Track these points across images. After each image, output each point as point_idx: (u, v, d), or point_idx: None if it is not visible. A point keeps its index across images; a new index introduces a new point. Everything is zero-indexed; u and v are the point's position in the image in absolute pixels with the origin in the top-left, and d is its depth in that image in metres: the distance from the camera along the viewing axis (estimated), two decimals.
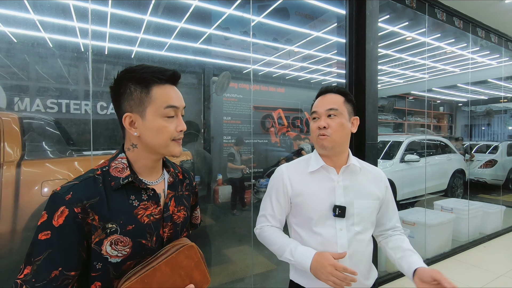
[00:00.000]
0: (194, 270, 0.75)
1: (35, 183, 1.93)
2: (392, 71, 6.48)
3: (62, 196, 0.67)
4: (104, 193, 0.71)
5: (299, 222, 1.09)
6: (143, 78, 0.73)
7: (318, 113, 1.06)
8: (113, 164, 0.76)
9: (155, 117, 0.74)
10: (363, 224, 1.06)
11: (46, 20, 2.07)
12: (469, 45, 4.33)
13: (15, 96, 2.20)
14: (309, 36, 4.22)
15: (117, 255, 0.70)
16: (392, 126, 8.26)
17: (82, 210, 0.68)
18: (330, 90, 1.08)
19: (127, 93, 0.74)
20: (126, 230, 0.72)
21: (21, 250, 1.88)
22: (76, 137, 2.26)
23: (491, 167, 6.29)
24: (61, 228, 0.66)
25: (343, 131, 1.04)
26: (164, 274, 0.70)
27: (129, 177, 0.74)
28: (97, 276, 0.70)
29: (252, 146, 4.59)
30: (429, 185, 4.79)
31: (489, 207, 4.34)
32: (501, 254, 3.62)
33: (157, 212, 0.78)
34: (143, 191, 0.77)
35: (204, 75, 4.23)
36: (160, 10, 2.98)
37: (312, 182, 1.08)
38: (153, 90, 0.74)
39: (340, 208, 1.02)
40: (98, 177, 0.73)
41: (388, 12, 3.50)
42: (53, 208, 0.67)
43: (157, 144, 0.75)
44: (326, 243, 1.03)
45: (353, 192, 1.06)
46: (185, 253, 0.74)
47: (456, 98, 8.70)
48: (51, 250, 0.65)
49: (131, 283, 0.66)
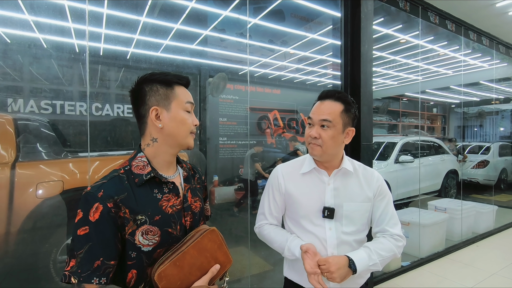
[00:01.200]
0: (218, 252, 0.83)
1: (29, 185, 1.91)
2: (387, 73, 6.56)
3: (95, 194, 0.75)
4: (131, 189, 0.80)
5: (292, 220, 1.14)
6: (167, 79, 0.86)
7: (313, 120, 1.05)
8: (134, 163, 0.84)
9: (178, 109, 0.86)
10: (352, 226, 1.07)
11: (41, 21, 2.06)
12: (461, 47, 4.40)
13: (9, 97, 2.18)
14: (305, 38, 4.25)
15: (148, 244, 0.79)
16: (386, 127, 8.33)
17: (114, 205, 0.75)
18: (330, 96, 1.05)
19: (154, 90, 0.85)
20: (154, 220, 0.80)
21: (15, 253, 1.86)
22: (71, 138, 2.25)
23: (484, 167, 6.39)
24: (98, 222, 0.73)
25: (334, 143, 1.03)
26: (192, 256, 0.78)
27: (151, 173, 0.83)
28: (132, 264, 0.78)
29: (248, 148, 4.59)
30: (423, 185, 4.84)
31: (482, 207, 4.41)
32: (493, 253, 3.68)
33: (178, 203, 0.87)
34: (164, 184, 0.86)
35: (200, 76, 4.23)
36: (156, 11, 2.97)
37: (304, 183, 1.11)
38: (175, 88, 0.87)
39: (329, 210, 1.05)
40: (123, 176, 0.81)
41: (382, 15, 3.54)
42: (87, 205, 0.74)
43: (179, 134, 0.86)
44: (317, 241, 1.06)
45: (343, 195, 1.08)
46: (209, 237, 0.82)
47: (449, 99, 8.82)
48: (91, 243, 0.72)
49: (165, 266, 0.73)
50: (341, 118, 1.03)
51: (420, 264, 3.25)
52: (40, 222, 1.92)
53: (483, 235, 4.18)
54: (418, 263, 3.24)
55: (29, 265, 1.91)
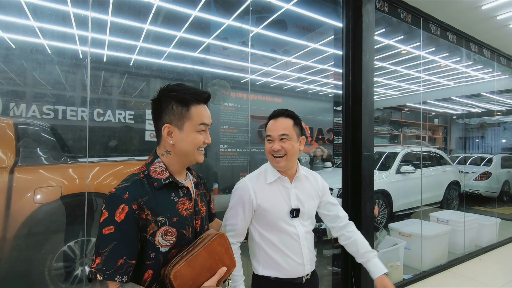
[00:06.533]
0: (225, 255, 0.89)
1: (28, 190, 1.90)
2: (388, 83, 6.58)
3: (121, 196, 0.78)
4: (151, 192, 0.84)
5: (265, 226, 1.27)
6: (185, 99, 0.88)
7: (272, 137, 1.25)
8: (152, 168, 0.89)
9: (191, 131, 0.89)
10: (310, 220, 1.33)
11: (45, 26, 2.08)
12: (463, 59, 4.42)
13: (11, 102, 2.18)
14: (306, 47, 4.28)
15: (166, 245, 0.83)
16: (388, 137, 8.31)
17: (138, 207, 0.79)
18: (281, 114, 1.27)
19: (169, 109, 0.88)
20: (172, 222, 0.85)
21: (11, 258, 1.83)
22: (71, 143, 2.24)
23: (486, 179, 6.33)
24: (123, 222, 0.76)
25: (293, 151, 1.25)
26: (203, 258, 0.82)
27: (169, 178, 0.88)
28: (150, 264, 0.82)
29: (249, 156, 4.58)
30: (424, 196, 4.79)
31: (485, 219, 4.34)
32: (497, 267, 3.61)
33: (190, 207, 0.93)
34: (179, 189, 0.91)
35: (202, 84, 4.25)
36: (160, 19, 3.01)
37: (271, 191, 1.27)
38: (191, 109, 0.89)
39: (296, 210, 1.26)
40: (143, 180, 0.85)
41: (384, 26, 3.57)
42: (113, 206, 0.77)
43: (188, 151, 0.90)
44: (289, 239, 1.25)
45: (303, 196, 1.30)
46: (218, 241, 0.88)
47: (451, 110, 8.82)
48: (116, 242, 0.75)
49: (180, 266, 0.78)
50: (294, 130, 1.26)
51: (422, 277, 3.19)
52: (37, 228, 1.89)
53: (486, 248, 4.10)
54: (420, 276, 3.18)
55: (24, 272, 1.87)
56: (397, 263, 2.97)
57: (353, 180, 2.60)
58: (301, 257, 1.25)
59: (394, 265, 2.93)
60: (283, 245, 1.24)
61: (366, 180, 2.54)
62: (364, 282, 2.49)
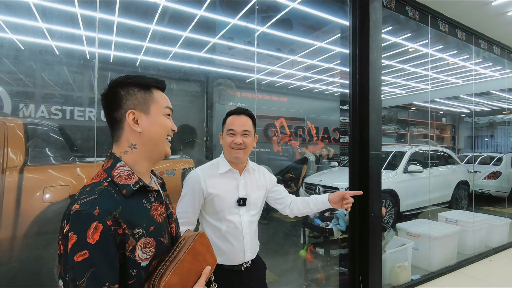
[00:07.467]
0: (207, 254, 0.85)
1: (37, 189, 1.92)
2: (395, 81, 6.51)
3: (89, 212, 0.66)
4: (123, 202, 0.73)
5: (213, 214, 1.37)
6: (145, 82, 0.83)
7: (235, 131, 1.37)
8: (115, 173, 0.77)
9: (158, 114, 0.83)
10: (256, 210, 1.44)
11: (54, 28, 2.11)
12: (472, 56, 4.34)
13: (21, 102, 2.22)
14: (312, 46, 4.26)
15: (146, 258, 0.74)
16: (395, 136, 8.23)
17: (113, 222, 0.68)
18: (243, 112, 1.41)
19: (130, 93, 0.81)
20: (150, 231, 0.76)
21: (20, 257, 1.86)
22: (79, 143, 2.27)
23: (495, 179, 6.22)
24: (98, 244, 0.65)
25: (251, 146, 1.42)
26: (189, 262, 0.78)
27: (139, 182, 0.78)
28: (132, 283, 0.72)
29: (255, 155, 4.58)
30: (432, 196, 4.73)
31: (495, 219, 4.27)
32: (508, 268, 3.54)
33: (163, 211, 0.85)
34: (149, 193, 0.82)
35: (208, 84, 4.26)
36: (166, 19, 3.02)
37: (222, 181, 1.38)
38: (153, 92, 0.84)
39: (243, 199, 1.38)
40: (109, 188, 0.73)
41: (391, 24, 3.53)
42: (82, 226, 0.65)
43: (158, 137, 0.83)
44: (233, 226, 1.35)
45: (250, 187, 1.43)
46: (200, 241, 0.83)
47: (459, 109, 8.69)
48: (94, 269, 0.64)
49: (167, 277, 0.71)
50: (253, 128, 1.43)
51: (431, 278, 3.14)
52: (46, 226, 1.92)
53: (496, 249, 4.03)
54: (429, 277, 3.14)
55: (33, 270, 1.90)
56: (405, 263, 2.93)
57: (360, 179, 2.58)
58: (242, 244, 1.35)
59: (402, 266, 2.90)
60: (227, 232, 1.34)
61: (374, 180, 2.51)
62: (371, 282, 2.47)
